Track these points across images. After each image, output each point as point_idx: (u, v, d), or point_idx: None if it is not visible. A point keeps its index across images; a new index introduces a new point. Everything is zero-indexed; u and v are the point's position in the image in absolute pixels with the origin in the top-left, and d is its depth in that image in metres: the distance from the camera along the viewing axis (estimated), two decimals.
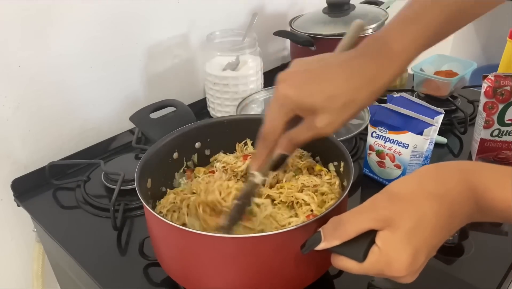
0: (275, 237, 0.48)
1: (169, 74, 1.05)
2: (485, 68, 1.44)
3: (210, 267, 0.51)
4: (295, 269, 0.52)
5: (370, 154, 0.79)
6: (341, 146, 0.63)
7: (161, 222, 0.51)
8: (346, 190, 0.54)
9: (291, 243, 0.49)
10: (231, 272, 0.51)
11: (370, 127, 0.77)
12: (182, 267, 0.54)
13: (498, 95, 0.76)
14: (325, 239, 0.46)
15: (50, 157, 0.87)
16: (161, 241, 0.56)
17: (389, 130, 0.75)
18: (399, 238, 0.42)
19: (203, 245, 0.50)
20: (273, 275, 0.51)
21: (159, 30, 0.99)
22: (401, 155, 0.74)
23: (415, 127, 0.72)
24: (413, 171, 0.71)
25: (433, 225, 0.42)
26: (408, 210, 0.42)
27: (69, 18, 0.82)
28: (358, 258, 0.44)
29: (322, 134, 0.49)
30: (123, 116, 0.98)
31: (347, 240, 0.44)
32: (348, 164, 0.58)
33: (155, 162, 0.64)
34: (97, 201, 0.78)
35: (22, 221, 0.86)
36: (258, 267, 0.50)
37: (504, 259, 0.63)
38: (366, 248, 0.43)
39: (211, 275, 0.52)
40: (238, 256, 0.49)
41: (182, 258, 0.53)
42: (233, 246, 0.49)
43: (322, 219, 0.49)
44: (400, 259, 0.42)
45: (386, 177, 0.78)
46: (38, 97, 0.83)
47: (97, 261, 0.67)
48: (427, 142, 0.73)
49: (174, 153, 0.68)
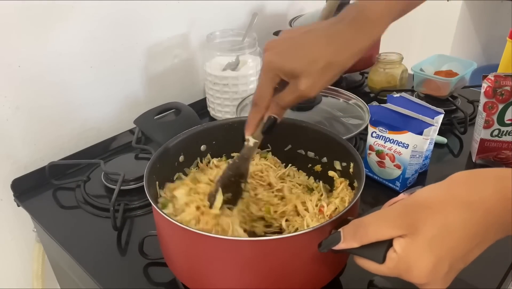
0: (290, 239, 0.48)
1: (169, 74, 1.05)
2: (485, 68, 1.44)
3: (221, 270, 0.51)
4: (308, 271, 0.52)
5: (370, 154, 0.79)
6: (350, 146, 0.62)
7: (173, 225, 0.50)
8: (359, 192, 0.54)
9: (305, 245, 0.49)
10: (242, 275, 0.51)
11: (370, 127, 0.77)
12: (193, 270, 0.54)
13: (498, 95, 0.76)
14: (345, 240, 0.45)
15: (50, 157, 0.87)
16: (172, 244, 0.55)
17: (389, 130, 0.74)
18: (420, 245, 0.40)
19: (215, 248, 0.49)
20: (286, 277, 0.51)
21: (159, 30, 0.99)
22: (401, 154, 0.74)
23: (415, 128, 0.72)
24: (412, 171, 0.71)
25: (459, 234, 0.40)
26: (434, 217, 0.41)
27: (70, 18, 0.82)
28: (378, 260, 0.43)
29: (306, 96, 0.52)
30: (123, 116, 0.98)
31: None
32: (359, 165, 0.58)
33: (162, 165, 0.63)
34: (97, 201, 0.78)
35: (22, 221, 0.86)
36: (271, 269, 0.50)
37: (504, 259, 0.63)
38: (385, 251, 0.42)
39: (222, 278, 0.52)
40: (251, 258, 0.49)
41: (194, 261, 0.53)
42: (246, 248, 0.49)
43: (336, 221, 0.49)
44: (420, 266, 0.40)
45: (386, 177, 0.78)
46: (38, 97, 0.83)
47: (96, 261, 0.67)
48: (427, 143, 0.73)
49: (180, 156, 0.68)
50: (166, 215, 0.51)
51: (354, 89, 1.16)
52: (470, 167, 0.83)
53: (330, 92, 0.97)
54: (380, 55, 1.09)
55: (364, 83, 1.21)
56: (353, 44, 0.52)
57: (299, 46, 0.52)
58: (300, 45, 0.52)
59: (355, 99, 0.94)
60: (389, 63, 1.07)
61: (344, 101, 0.95)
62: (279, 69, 0.52)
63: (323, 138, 0.67)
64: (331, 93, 0.97)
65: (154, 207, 0.53)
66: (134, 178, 0.80)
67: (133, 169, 0.81)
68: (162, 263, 0.64)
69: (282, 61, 0.52)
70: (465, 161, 0.86)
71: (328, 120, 0.87)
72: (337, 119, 0.89)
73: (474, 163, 0.82)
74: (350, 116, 0.89)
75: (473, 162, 0.83)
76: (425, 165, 0.81)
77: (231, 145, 0.71)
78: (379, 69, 1.08)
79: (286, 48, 0.53)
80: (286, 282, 0.51)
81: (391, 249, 0.42)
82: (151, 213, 0.75)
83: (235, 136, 0.70)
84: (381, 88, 1.07)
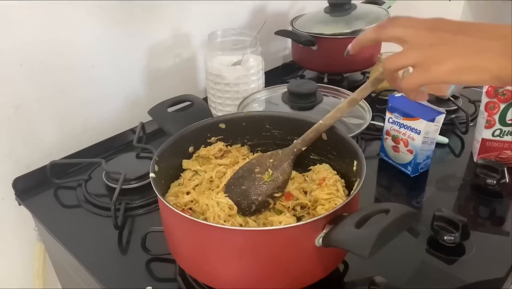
0: (286, 230, 0.49)
1: (171, 74, 1.05)
2: None
3: (223, 260, 0.52)
4: (304, 264, 0.52)
5: (386, 139, 0.84)
6: (355, 145, 0.63)
7: (179, 216, 0.51)
8: (357, 187, 0.54)
9: (301, 238, 0.50)
10: (241, 265, 0.52)
11: (388, 113, 0.83)
12: (197, 260, 0.55)
13: (499, 95, 0.76)
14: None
15: (51, 156, 0.87)
16: (177, 236, 0.56)
17: (403, 117, 0.79)
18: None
19: (217, 237, 0.51)
20: (282, 269, 0.52)
21: (161, 29, 0.99)
22: (414, 140, 0.78)
23: (427, 115, 0.76)
24: (424, 157, 0.77)
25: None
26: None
27: (70, 18, 0.82)
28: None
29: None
30: (124, 116, 0.98)
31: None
32: (361, 163, 0.59)
33: (171, 155, 0.65)
34: (98, 200, 0.78)
35: (24, 219, 0.86)
36: (268, 260, 0.51)
37: (505, 259, 0.63)
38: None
39: (224, 268, 0.53)
40: (249, 248, 0.50)
41: (197, 251, 0.54)
42: (243, 238, 0.50)
43: (331, 215, 0.50)
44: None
45: (400, 161, 0.83)
46: (40, 96, 0.83)
47: (98, 259, 0.67)
48: (438, 130, 0.78)
49: (190, 146, 0.69)
50: (171, 205, 0.52)
51: (355, 89, 1.16)
52: (471, 167, 0.83)
53: (331, 92, 0.97)
54: (381, 55, 1.09)
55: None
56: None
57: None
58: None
59: None
60: None
61: None
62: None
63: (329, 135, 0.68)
64: (332, 93, 0.97)
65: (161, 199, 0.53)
66: (135, 177, 0.80)
67: (134, 168, 0.81)
68: (164, 259, 0.64)
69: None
70: (467, 161, 0.86)
71: None
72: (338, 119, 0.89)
73: (476, 163, 0.81)
74: (351, 116, 0.89)
75: (475, 162, 0.83)
76: (427, 165, 0.81)
77: (240, 138, 0.73)
78: (380, 69, 1.08)
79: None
80: (282, 274, 0.52)
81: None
82: (152, 212, 0.75)
83: (244, 129, 0.73)
84: (382, 88, 1.07)
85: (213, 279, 0.55)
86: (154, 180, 0.57)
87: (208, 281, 0.57)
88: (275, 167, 0.64)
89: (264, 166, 0.64)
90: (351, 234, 0.47)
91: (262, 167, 0.64)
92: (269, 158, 0.65)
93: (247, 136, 0.73)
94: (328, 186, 0.63)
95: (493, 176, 0.74)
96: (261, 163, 0.65)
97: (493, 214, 0.73)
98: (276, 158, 0.65)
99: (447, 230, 0.63)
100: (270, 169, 0.64)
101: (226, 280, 0.54)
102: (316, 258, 0.53)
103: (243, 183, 0.63)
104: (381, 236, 0.44)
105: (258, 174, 0.64)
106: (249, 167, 0.65)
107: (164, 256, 0.65)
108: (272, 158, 0.65)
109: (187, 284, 0.60)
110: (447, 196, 0.77)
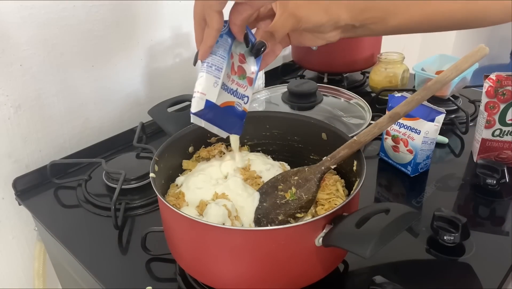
0: (286, 230, 0.49)
1: (170, 73, 1.05)
2: (486, 68, 1.44)
3: (223, 260, 0.52)
4: (304, 264, 0.53)
5: (386, 139, 0.84)
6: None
7: (179, 216, 0.51)
8: (357, 187, 0.54)
9: (301, 238, 0.50)
10: (241, 264, 0.52)
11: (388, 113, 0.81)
12: (197, 260, 0.55)
13: (499, 95, 0.76)
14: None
15: (51, 156, 0.87)
16: (177, 236, 0.56)
17: (403, 117, 0.77)
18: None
19: (217, 237, 0.51)
20: (282, 268, 0.52)
21: (160, 29, 0.99)
22: (414, 140, 0.78)
23: (427, 115, 0.76)
24: (424, 157, 0.77)
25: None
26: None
27: (70, 18, 0.82)
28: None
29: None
30: (124, 116, 0.98)
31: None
32: (361, 163, 0.59)
33: (170, 155, 0.65)
34: (98, 200, 0.78)
35: (24, 219, 0.86)
36: (268, 260, 0.51)
37: (505, 259, 0.63)
38: None
39: (224, 268, 0.53)
40: (249, 248, 0.51)
41: (197, 251, 0.54)
42: (243, 238, 0.50)
43: (331, 215, 0.50)
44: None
45: (400, 161, 0.83)
46: (40, 96, 0.83)
47: (98, 259, 0.67)
48: (438, 130, 0.78)
49: (190, 146, 0.69)
50: (172, 206, 0.52)
51: (355, 89, 1.17)
52: (471, 166, 0.83)
53: (331, 92, 0.98)
54: (381, 55, 1.09)
55: (365, 83, 1.21)
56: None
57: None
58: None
59: (356, 99, 0.94)
60: (390, 63, 1.07)
61: (345, 101, 0.96)
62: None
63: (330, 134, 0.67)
64: (332, 93, 0.97)
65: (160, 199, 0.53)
66: (135, 177, 0.80)
67: (134, 168, 0.81)
68: (164, 259, 0.64)
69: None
70: (466, 161, 0.86)
71: (329, 120, 0.87)
72: (338, 118, 0.89)
73: (475, 162, 0.81)
74: (351, 116, 0.89)
75: (474, 162, 0.83)
76: (426, 165, 0.81)
77: (242, 138, 0.72)
78: (380, 69, 1.08)
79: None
80: (283, 272, 0.52)
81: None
82: (152, 212, 0.75)
83: (246, 129, 0.71)
84: (382, 88, 1.07)
85: (213, 279, 0.55)
86: (154, 180, 0.57)
87: (208, 281, 0.57)
88: (299, 185, 0.60)
89: (288, 184, 0.60)
90: (351, 234, 0.47)
91: (286, 184, 0.61)
92: (294, 175, 0.61)
93: (247, 136, 0.73)
94: (328, 186, 0.63)
95: (493, 176, 0.74)
96: (285, 179, 0.61)
97: (493, 214, 0.73)
98: (301, 175, 0.60)
99: (447, 230, 0.63)
100: (293, 187, 0.60)
101: (226, 280, 0.54)
102: (316, 258, 0.53)
103: (266, 200, 0.60)
104: (381, 236, 0.44)
105: (281, 191, 0.60)
106: (274, 183, 0.62)
107: (164, 256, 0.65)
108: (298, 175, 0.61)
109: (187, 284, 0.60)
110: (447, 196, 0.77)
